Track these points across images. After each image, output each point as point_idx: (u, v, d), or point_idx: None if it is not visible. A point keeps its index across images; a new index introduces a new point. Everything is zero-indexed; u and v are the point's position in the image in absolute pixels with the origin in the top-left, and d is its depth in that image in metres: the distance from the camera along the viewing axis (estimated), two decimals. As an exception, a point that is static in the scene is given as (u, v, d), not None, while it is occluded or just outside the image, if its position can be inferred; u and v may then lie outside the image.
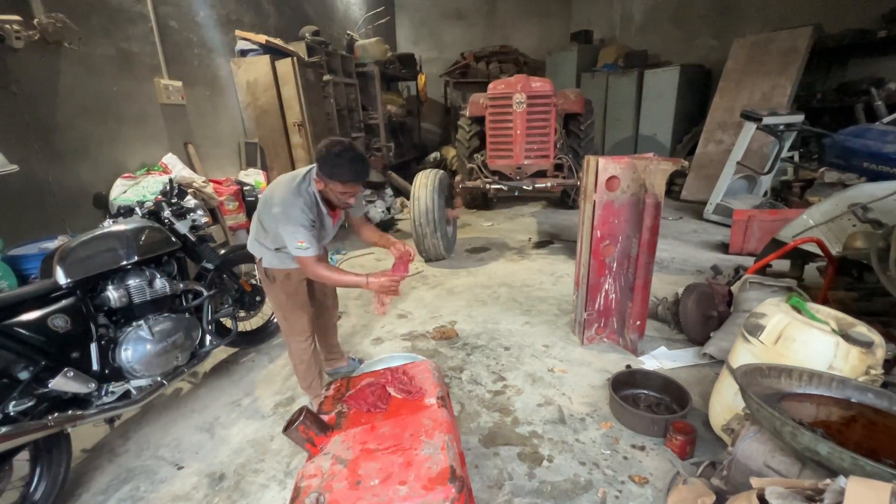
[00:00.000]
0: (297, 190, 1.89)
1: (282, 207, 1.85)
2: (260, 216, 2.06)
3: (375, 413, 1.57)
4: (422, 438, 1.42)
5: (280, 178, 2.01)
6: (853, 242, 2.43)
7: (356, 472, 1.32)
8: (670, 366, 2.57)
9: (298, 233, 1.83)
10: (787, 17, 6.35)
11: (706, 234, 5.12)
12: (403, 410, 1.58)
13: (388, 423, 1.52)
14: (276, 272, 2.11)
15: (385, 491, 1.24)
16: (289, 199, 1.86)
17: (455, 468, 1.30)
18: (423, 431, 1.45)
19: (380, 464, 1.34)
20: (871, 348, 1.59)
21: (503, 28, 10.14)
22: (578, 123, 5.46)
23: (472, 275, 4.22)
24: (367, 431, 1.49)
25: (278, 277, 2.12)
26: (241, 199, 4.24)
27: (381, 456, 1.38)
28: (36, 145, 3.02)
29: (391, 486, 1.26)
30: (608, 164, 2.50)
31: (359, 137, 6.61)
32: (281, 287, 2.13)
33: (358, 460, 1.37)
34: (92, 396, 1.92)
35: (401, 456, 1.36)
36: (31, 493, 1.72)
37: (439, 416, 1.51)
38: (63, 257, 1.88)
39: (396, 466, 1.33)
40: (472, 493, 1.47)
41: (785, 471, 1.27)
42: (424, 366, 1.80)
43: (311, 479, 1.31)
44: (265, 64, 4.77)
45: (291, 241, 1.84)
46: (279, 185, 1.95)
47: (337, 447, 1.43)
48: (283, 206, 1.86)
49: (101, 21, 3.52)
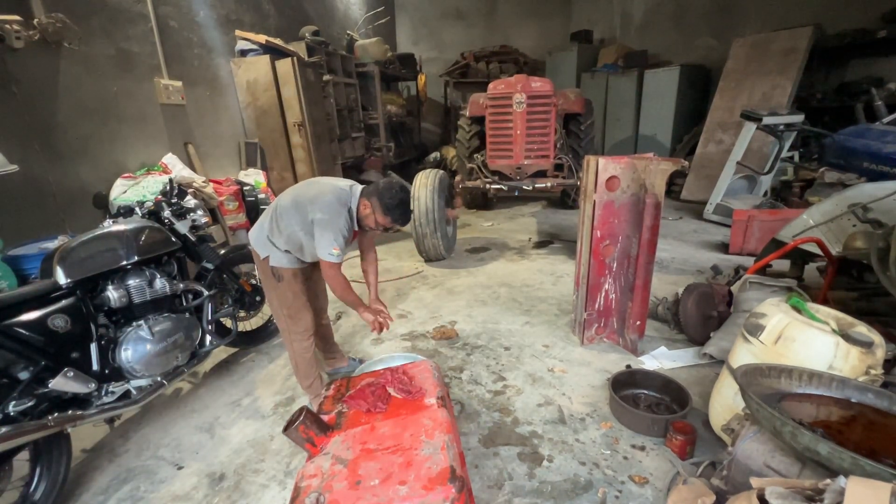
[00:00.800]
0: (344, 202, 2.01)
1: (328, 215, 1.94)
2: (278, 216, 2.07)
3: (375, 413, 1.57)
4: (422, 438, 1.43)
5: (319, 186, 2.07)
6: (853, 242, 2.44)
7: (356, 472, 1.32)
8: (670, 366, 2.57)
9: (338, 240, 1.93)
10: (787, 17, 6.35)
11: (706, 234, 5.12)
12: (403, 410, 1.58)
13: (388, 423, 1.53)
14: (284, 271, 2.12)
15: (385, 491, 1.24)
16: (336, 209, 1.97)
17: (455, 468, 1.30)
18: (423, 431, 1.46)
19: (380, 464, 1.34)
20: (871, 348, 1.59)
21: (503, 28, 10.14)
22: (578, 123, 5.46)
23: (472, 275, 4.22)
24: (367, 431, 1.49)
25: (286, 276, 2.13)
26: (241, 199, 4.24)
27: (381, 456, 1.38)
28: (36, 145, 3.02)
29: (391, 486, 1.26)
30: (608, 164, 2.50)
31: (359, 137, 6.61)
32: (288, 286, 2.15)
33: (358, 460, 1.37)
34: (92, 396, 1.91)
35: (401, 456, 1.36)
36: (31, 493, 1.72)
37: (439, 416, 1.52)
38: (63, 257, 1.88)
39: (396, 466, 1.33)
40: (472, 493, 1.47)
41: (785, 471, 1.27)
42: (424, 366, 1.81)
43: (311, 479, 1.31)
44: (265, 64, 4.77)
45: (326, 246, 1.93)
46: (323, 194, 2.00)
47: (337, 447, 1.43)
48: (329, 214, 1.94)
49: (101, 21, 3.53)
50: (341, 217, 1.95)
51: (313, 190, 2.06)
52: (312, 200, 1.99)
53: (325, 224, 1.93)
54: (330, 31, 6.92)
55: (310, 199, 2.01)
